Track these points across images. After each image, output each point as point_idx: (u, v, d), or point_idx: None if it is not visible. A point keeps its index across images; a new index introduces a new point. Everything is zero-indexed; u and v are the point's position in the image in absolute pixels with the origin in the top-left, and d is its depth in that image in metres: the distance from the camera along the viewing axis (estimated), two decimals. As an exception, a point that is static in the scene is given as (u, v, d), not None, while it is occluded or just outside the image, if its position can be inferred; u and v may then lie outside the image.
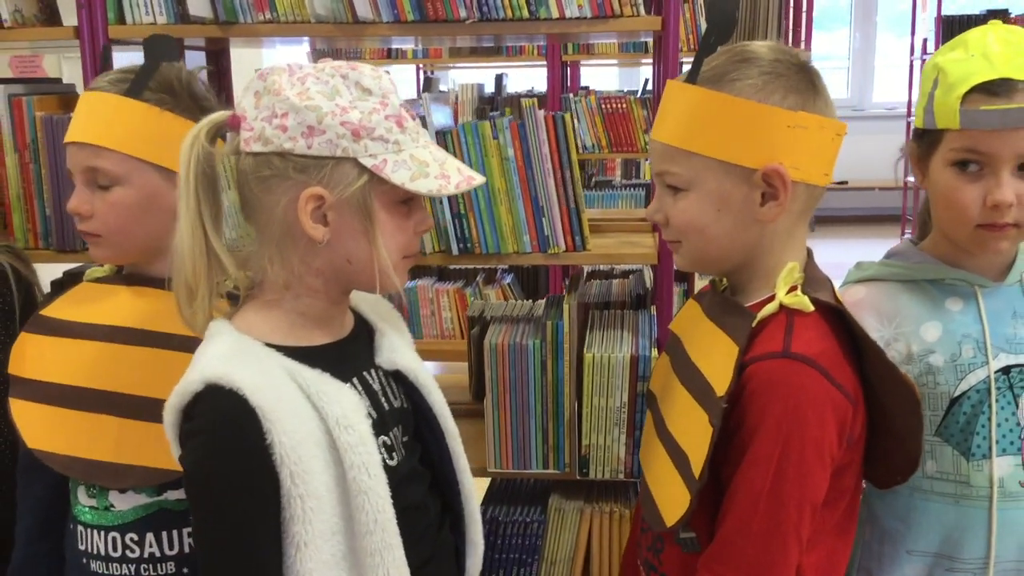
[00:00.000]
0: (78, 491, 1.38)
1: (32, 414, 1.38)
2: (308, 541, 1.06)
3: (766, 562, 1.11)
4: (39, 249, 1.89)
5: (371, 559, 1.09)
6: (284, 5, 1.83)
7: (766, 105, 1.14)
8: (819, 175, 1.19)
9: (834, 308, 1.17)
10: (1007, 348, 1.31)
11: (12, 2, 1.92)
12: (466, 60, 5.44)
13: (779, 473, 1.10)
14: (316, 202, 1.09)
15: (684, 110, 1.20)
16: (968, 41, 1.28)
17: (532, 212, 1.83)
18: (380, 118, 1.10)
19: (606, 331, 1.97)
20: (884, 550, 1.37)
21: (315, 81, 1.10)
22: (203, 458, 1.07)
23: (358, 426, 1.11)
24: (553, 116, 1.81)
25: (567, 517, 1.96)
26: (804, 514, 1.11)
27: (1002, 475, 1.30)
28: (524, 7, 1.79)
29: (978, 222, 1.27)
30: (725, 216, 1.18)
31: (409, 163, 1.11)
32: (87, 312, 1.41)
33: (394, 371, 1.25)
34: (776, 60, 1.17)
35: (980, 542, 1.30)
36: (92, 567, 1.37)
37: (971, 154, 1.25)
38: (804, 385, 1.11)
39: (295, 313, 1.15)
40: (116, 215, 1.37)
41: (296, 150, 1.08)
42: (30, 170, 1.85)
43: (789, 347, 1.12)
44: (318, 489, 1.07)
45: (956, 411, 1.31)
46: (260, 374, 1.07)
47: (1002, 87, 1.22)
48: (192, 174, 1.10)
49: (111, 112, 1.37)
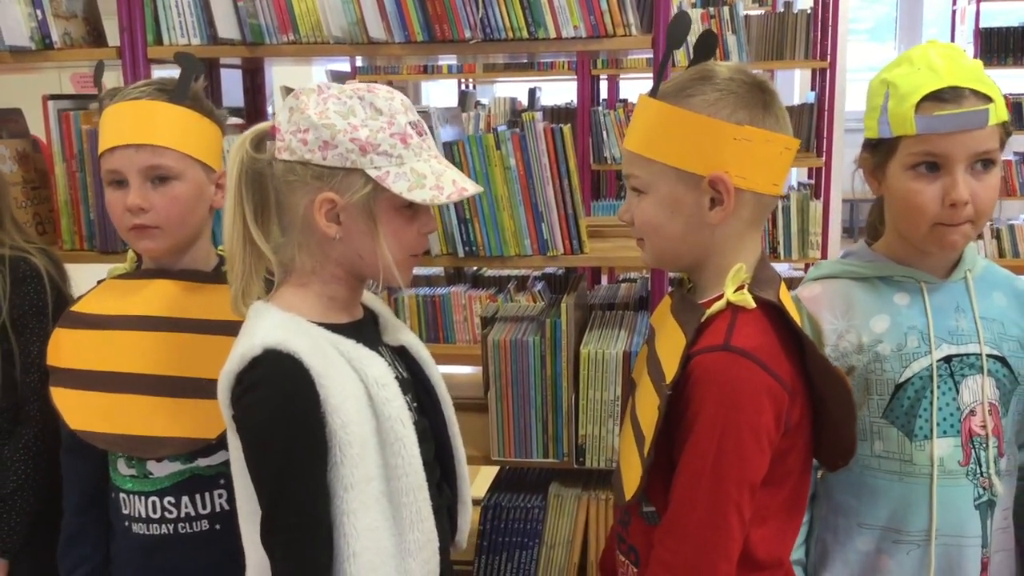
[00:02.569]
0: (118, 464, 1.55)
1: (72, 400, 1.55)
2: (354, 483, 1.24)
3: (711, 537, 1.21)
4: (84, 251, 2.07)
5: (405, 498, 1.28)
6: (305, 27, 2.00)
7: (714, 119, 1.26)
8: (767, 184, 1.29)
9: (775, 306, 1.27)
10: (949, 339, 1.43)
11: (63, 25, 2.11)
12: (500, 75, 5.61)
13: (719, 455, 1.19)
14: (329, 205, 1.27)
15: (646, 121, 1.32)
16: (912, 58, 1.39)
17: (532, 218, 1.97)
18: (386, 136, 1.26)
19: (604, 330, 2.10)
20: (839, 523, 1.48)
21: (335, 102, 1.27)
22: (266, 411, 1.23)
23: (391, 385, 1.30)
24: (552, 129, 1.95)
25: (566, 503, 2.09)
26: (743, 493, 1.21)
27: (942, 455, 1.41)
28: (524, 28, 1.93)
29: (936, 220, 1.37)
30: (678, 218, 1.30)
31: (408, 175, 1.27)
32: (114, 305, 1.59)
33: (399, 347, 1.45)
34: (730, 79, 1.28)
35: (923, 516, 1.42)
36: (135, 529, 1.55)
37: (928, 156, 1.36)
38: (740, 375, 1.21)
39: (325, 296, 1.33)
40: (175, 207, 1.54)
41: (314, 160, 1.26)
42: (76, 178, 2.04)
43: (729, 341, 1.22)
44: (361, 438, 1.25)
45: (901, 396, 1.43)
46: (311, 342, 1.26)
47: (951, 94, 1.34)
48: (237, 172, 1.29)
49: (165, 117, 1.55)
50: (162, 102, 1.55)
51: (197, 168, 1.57)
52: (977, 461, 1.42)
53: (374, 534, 1.26)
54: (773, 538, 1.30)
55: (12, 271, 1.72)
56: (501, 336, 2.01)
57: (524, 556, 2.11)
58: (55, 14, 2.08)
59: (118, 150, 1.53)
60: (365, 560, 1.24)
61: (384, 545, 1.27)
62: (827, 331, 1.47)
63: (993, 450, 1.42)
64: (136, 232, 1.55)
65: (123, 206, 1.53)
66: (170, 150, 1.53)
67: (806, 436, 1.31)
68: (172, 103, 1.55)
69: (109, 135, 1.55)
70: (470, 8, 1.93)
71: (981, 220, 1.38)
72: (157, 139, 1.53)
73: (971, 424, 1.42)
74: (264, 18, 2.00)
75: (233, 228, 1.30)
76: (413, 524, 1.28)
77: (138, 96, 1.56)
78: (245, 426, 1.25)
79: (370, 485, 1.26)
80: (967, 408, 1.43)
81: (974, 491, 1.42)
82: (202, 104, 1.60)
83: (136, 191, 1.53)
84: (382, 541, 1.26)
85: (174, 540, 1.53)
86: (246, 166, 1.29)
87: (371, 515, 1.26)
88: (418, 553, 1.29)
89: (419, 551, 1.29)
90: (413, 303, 4.03)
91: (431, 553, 1.32)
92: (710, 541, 1.21)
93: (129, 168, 1.53)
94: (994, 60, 6.36)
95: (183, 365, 1.52)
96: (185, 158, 1.55)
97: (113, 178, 1.55)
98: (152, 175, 1.53)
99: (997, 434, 1.43)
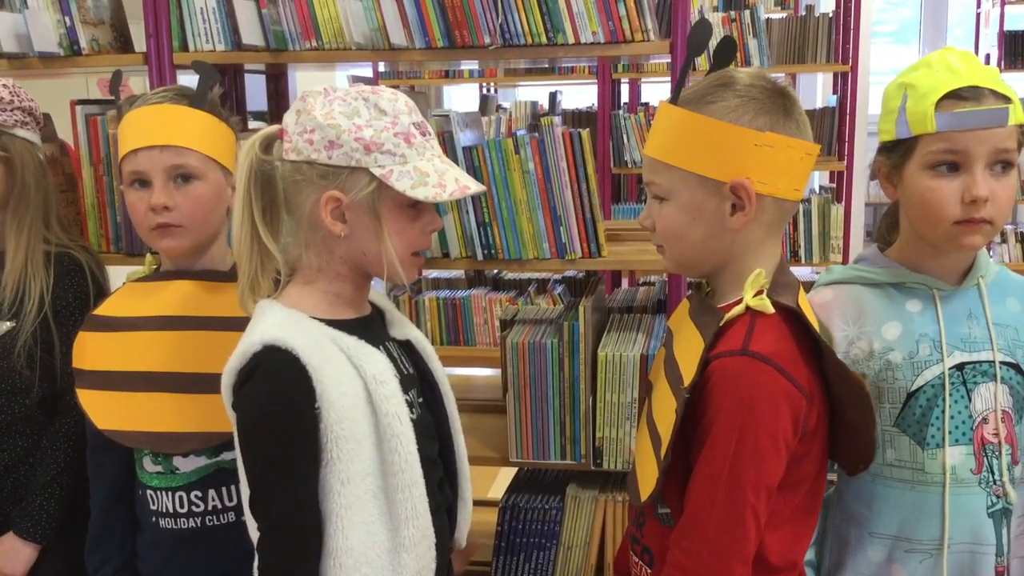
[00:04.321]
0: (143, 461, 1.59)
1: (97, 400, 1.59)
2: (350, 478, 1.26)
3: (727, 539, 1.22)
4: (110, 253, 2.11)
5: (401, 495, 1.30)
6: (328, 34, 2.03)
7: (736, 125, 1.26)
8: (788, 190, 1.30)
9: (793, 311, 1.28)
10: (961, 347, 1.43)
11: (91, 32, 2.15)
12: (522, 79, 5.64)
13: (736, 458, 1.20)
14: (334, 203, 1.30)
15: (667, 127, 1.33)
16: (931, 62, 1.40)
17: (551, 221, 1.99)
18: (389, 135, 1.29)
19: (622, 332, 2.11)
20: (851, 532, 1.49)
21: (340, 103, 1.29)
22: (257, 403, 1.27)
23: (390, 382, 1.32)
24: (570, 133, 1.97)
25: (583, 505, 2.11)
26: (760, 496, 1.22)
27: (954, 463, 1.41)
28: (543, 34, 1.95)
29: (956, 219, 1.37)
30: (699, 224, 1.31)
31: (412, 173, 1.29)
32: (135, 307, 1.63)
33: (405, 341, 1.47)
34: (751, 85, 1.29)
35: (935, 525, 1.41)
36: (162, 524, 1.59)
37: (948, 154, 1.36)
38: (758, 379, 1.22)
39: (331, 293, 1.36)
40: (198, 205, 1.59)
41: (320, 160, 1.28)
42: (103, 182, 2.07)
43: (748, 345, 1.23)
44: (357, 434, 1.27)
45: (913, 404, 1.43)
46: (310, 339, 1.28)
47: (970, 92, 1.34)
48: (247, 174, 1.32)
49: (187, 120, 1.60)
50: (184, 107, 1.60)
51: (217, 170, 1.61)
52: (990, 469, 1.42)
53: (369, 528, 1.28)
54: (787, 542, 1.31)
55: (56, 265, 1.78)
56: (520, 338, 2.03)
57: (542, 557, 2.12)
58: (83, 20, 2.12)
59: (142, 151, 1.57)
60: (359, 553, 1.27)
61: (378, 540, 1.29)
62: (838, 338, 1.47)
63: (1007, 457, 1.42)
64: (159, 231, 1.59)
65: (146, 206, 1.57)
66: (192, 151, 1.58)
67: (822, 441, 1.32)
68: (193, 107, 1.60)
69: (132, 137, 1.59)
70: (490, 14, 1.95)
71: (1000, 221, 1.38)
72: (180, 140, 1.58)
73: (983, 432, 1.42)
74: (287, 25, 2.04)
75: (241, 228, 1.33)
76: (408, 520, 1.30)
77: (159, 101, 1.60)
78: (239, 418, 1.29)
79: (366, 480, 1.28)
80: (979, 416, 1.42)
81: (987, 499, 1.42)
82: (219, 110, 1.65)
83: (160, 190, 1.57)
84: (376, 535, 1.29)
85: (202, 533, 1.57)
86: (255, 167, 1.32)
87: (366, 510, 1.28)
88: (412, 549, 1.31)
89: (413, 547, 1.31)
90: (434, 305, 4.06)
91: (426, 549, 1.33)
92: (726, 544, 1.22)
93: (153, 168, 1.57)
94: (1018, 63, 6.33)
95: (203, 362, 1.56)
96: (206, 159, 1.60)
97: (136, 179, 1.59)
98: (175, 174, 1.58)
99: (1011, 441, 1.43)
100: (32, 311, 1.72)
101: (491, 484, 3.14)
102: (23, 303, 1.72)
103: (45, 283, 1.75)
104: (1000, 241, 6.04)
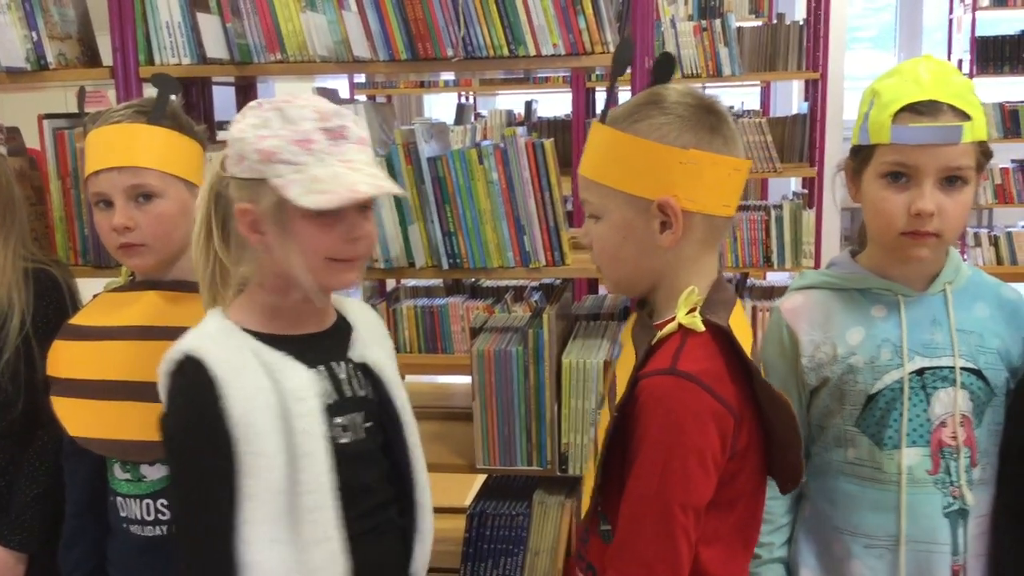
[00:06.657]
0: (114, 468, 1.61)
1: (70, 408, 1.62)
2: (255, 494, 1.25)
3: (659, 559, 1.21)
4: (79, 265, 2.12)
5: (309, 515, 1.28)
6: (292, 47, 2.05)
7: (660, 144, 1.26)
8: (717, 206, 1.28)
9: (723, 330, 1.25)
10: (923, 352, 1.46)
11: (58, 46, 2.17)
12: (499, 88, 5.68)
13: (664, 477, 1.20)
14: (248, 216, 1.31)
15: (597, 146, 1.34)
16: (903, 70, 1.43)
17: (515, 230, 2.02)
18: (286, 143, 1.28)
19: (587, 339, 2.14)
20: (817, 527, 1.53)
21: (253, 116, 1.31)
22: (171, 415, 1.31)
23: (309, 400, 1.31)
24: (533, 143, 1.99)
25: (550, 511, 2.13)
26: (689, 516, 1.21)
27: (910, 464, 1.45)
28: (504, 46, 1.98)
29: (902, 230, 1.40)
30: (630, 242, 1.31)
31: (305, 181, 1.27)
32: (107, 317, 1.65)
33: (362, 364, 1.44)
34: (677, 103, 1.29)
35: (891, 522, 1.45)
36: (131, 530, 1.61)
37: (898, 167, 1.39)
38: (685, 399, 1.21)
39: (268, 307, 1.37)
40: (160, 224, 1.61)
41: (236, 173, 1.31)
42: (71, 195, 2.09)
43: (676, 364, 1.22)
44: (267, 449, 1.27)
45: (872, 407, 1.46)
46: (227, 350, 1.30)
47: (928, 107, 1.37)
48: (208, 189, 1.35)
49: (145, 138, 1.61)
50: (141, 124, 1.62)
51: (179, 185, 1.63)
52: (947, 471, 1.45)
53: (274, 546, 1.27)
54: (724, 558, 1.30)
55: (36, 282, 1.79)
56: (486, 346, 2.06)
57: (509, 563, 2.14)
58: (50, 35, 2.14)
59: (102, 173, 1.60)
60: (265, 570, 1.26)
61: (284, 559, 1.27)
62: (804, 342, 1.50)
63: (965, 460, 1.45)
64: (124, 250, 1.61)
65: (110, 226, 1.59)
66: (151, 170, 1.60)
67: (756, 460, 1.31)
68: (151, 124, 1.62)
69: (93, 159, 1.62)
70: (452, 27, 1.98)
71: (949, 235, 1.41)
72: (138, 160, 1.59)
73: (941, 435, 1.45)
74: (252, 38, 2.06)
75: (197, 242, 1.35)
76: (318, 543, 1.28)
77: (119, 120, 1.62)
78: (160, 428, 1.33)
79: (275, 498, 1.27)
80: (938, 420, 1.45)
81: (943, 500, 1.45)
82: (180, 122, 1.66)
83: (121, 211, 1.59)
84: (282, 554, 1.27)
85: (167, 541, 1.58)
86: (214, 183, 1.35)
87: (275, 527, 1.27)
88: (321, 573, 1.29)
89: (322, 570, 1.29)
90: (412, 313, 4.08)
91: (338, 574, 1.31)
92: (658, 563, 1.22)
93: (113, 189, 1.59)
94: (990, 68, 6.40)
95: None
96: (166, 177, 1.61)
97: (99, 199, 1.62)
98: (136, 194, 1.59)
99: (970, 444, 1.45)
100: (14, 328, 1.73)
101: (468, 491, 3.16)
102: (7, 320, 1.73)
103: (27, 301, 1.76)
104: (975, 245, 6.11)
